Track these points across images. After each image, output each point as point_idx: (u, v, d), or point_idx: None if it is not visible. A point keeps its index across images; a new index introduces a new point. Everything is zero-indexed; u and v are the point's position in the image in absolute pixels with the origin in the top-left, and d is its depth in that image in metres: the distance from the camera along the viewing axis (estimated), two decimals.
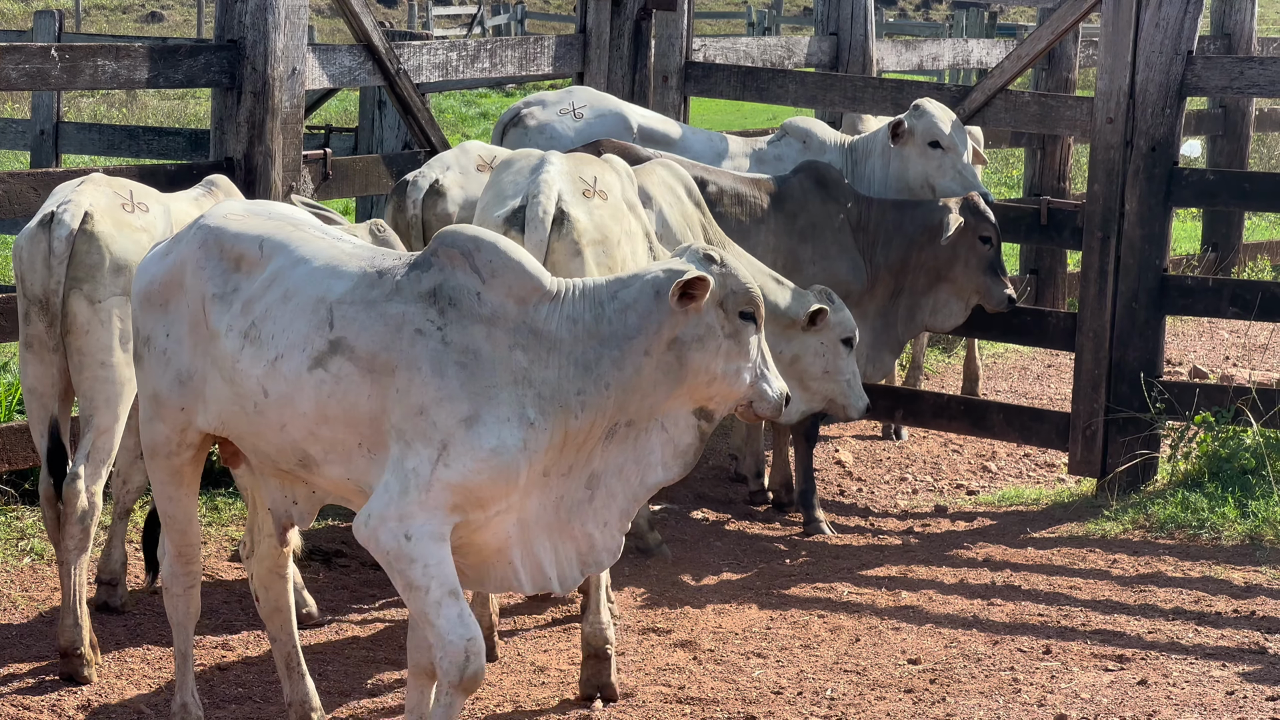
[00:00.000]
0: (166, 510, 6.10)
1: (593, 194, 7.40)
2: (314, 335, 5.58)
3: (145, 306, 5.94)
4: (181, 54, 8.94)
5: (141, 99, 25.78)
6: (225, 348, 5.72)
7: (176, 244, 5.94)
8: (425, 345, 5.50)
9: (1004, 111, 10.30)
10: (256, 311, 5.67)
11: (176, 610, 6.21)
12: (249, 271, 5.75)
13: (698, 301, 5.63)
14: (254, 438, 5.75)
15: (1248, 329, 13.78)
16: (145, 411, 6.00)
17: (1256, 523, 9.02)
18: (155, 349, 5.91)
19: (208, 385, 5.81)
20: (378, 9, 49.93)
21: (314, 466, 5.69)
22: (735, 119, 25.56)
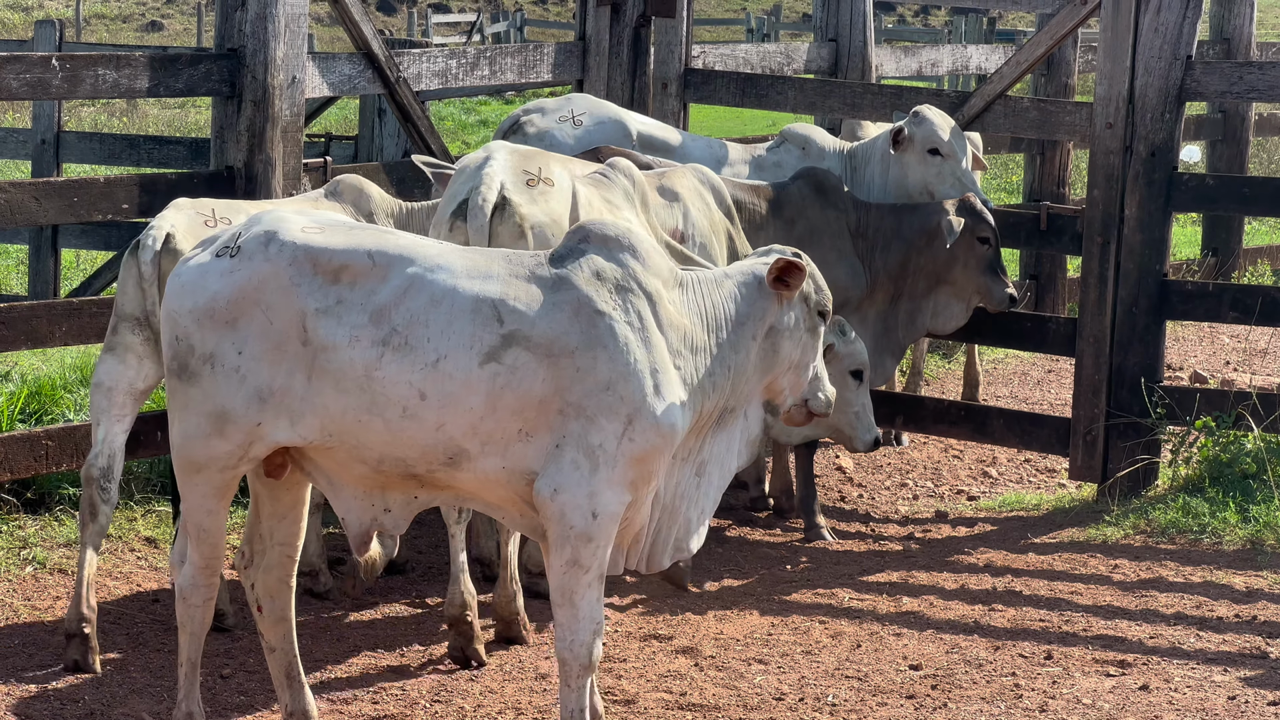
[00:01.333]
0: (203, 524, 6.03)
1: (536, 182, 7.77)
2: (482, 333, 5.79)
3: (205, 324, 5.84)
4: (182, 63, 8.94)
5: (142, 108, 25.81)
6: (350, 358, 5.77)
7: (244, 260, 5.86)
8: (606, 324, 5.85)
9: (1003, 117, 10.31)
10: (397, 319, 5.77)
11: (193, 620, 6.15)
12: (355, 282, 5.82)
13: (791, 290, 6.15)
14: (384, 445, 5.81)
15: (1248, 334, 13.79)
16: (199, 429, 5.87)
17: (1258, 527, 9.02)
18: (223, 366, 5.82)
19: (303, 400, 5.81)
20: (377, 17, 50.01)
21: (465, 462, 5.84)
22: (735, 125, 25.59)
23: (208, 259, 5.92)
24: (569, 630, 5.95)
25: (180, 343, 5.87)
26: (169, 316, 5.92)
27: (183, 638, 6.19)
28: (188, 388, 5.88)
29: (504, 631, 7.72)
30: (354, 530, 6.05)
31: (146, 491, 9.00)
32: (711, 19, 47.55)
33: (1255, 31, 15.73)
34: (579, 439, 5.82)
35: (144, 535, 8.66)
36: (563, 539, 5.87)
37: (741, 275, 6.22)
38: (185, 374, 5.88)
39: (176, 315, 5.89)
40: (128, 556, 8.47)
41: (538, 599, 8.23)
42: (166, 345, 5.94)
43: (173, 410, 5.94)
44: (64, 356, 11.42)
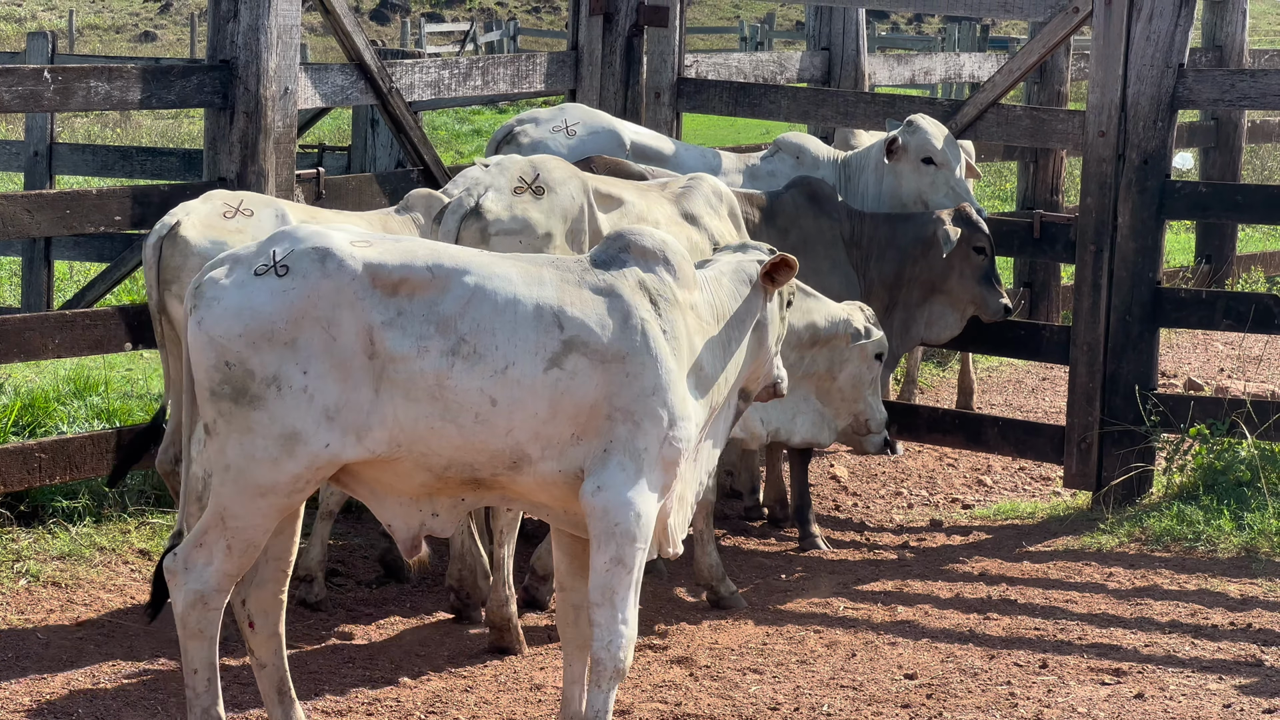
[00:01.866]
0: (254, 541, 5.96)
1: (525, 190, 7.94)
2: (545, 339, 5.94)
3: (263, 346, 5.77)
4: (174, 74, 8.94)
5: (135, 119, 25.82)
6: (421, 368, 5.83)
7: (298, 277, 5.80)
8: (653, 332, 6.07)
9: (996, 125, 10.31)
10: (463, 328, 5.87)
11: (213, 624, 6.03)
12: (413, 294, 5.87)
13: (778, 285, 6.47)
14: (454, 451, 5.90)
15: (1242, 341, 13.78)
16: (267, 452, 5.81)
17: (1252, 535, 9.02)
18: (290, 388, 5.77)
19: (369, 414, 5.82)
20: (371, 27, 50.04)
21: (526, 466, 5.98)
22: (729, 134, 25.58)
23: (246, 278, 5.83)
24: (608, 631, 6.06)
25: (234, 367, 5.77)
26: (212, 342, 5.79)
27: (196, 644, 6.05)
28: (249, 411, 5.79)
29: (497, 640, 7.72)
30: (403, 536, 6.11)
31: (140, 504, 8.99)
32: (705, 27, 47.59)
33: (1247, 39, 15.73)
34: (626, 443, 6.02)
35: (138, 548, 8.65)
36: (608, 538, 6.02)
37: (735, 273, 6.46)
38: (245, 398, 5.78)
39: (224, 340, 5.77)
40: (121, 569, 8.46)
41: (533, 609, 8.24)
42: (209, 369, 5.80)
43: (225, 434, 5.82)
44: (57, 369, 11.41)
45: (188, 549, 6.02)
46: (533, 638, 7.89)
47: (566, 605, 6.44)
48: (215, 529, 5.96)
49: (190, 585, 6.01)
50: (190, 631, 6.04)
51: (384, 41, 45.71)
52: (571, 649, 6.46)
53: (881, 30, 47.53)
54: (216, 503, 5.94)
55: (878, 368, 8.90)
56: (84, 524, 8.73)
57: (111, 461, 8.74)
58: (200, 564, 6.00)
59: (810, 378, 8.81)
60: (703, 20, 51.31)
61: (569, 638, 6.46)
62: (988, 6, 10.58)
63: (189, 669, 6.09)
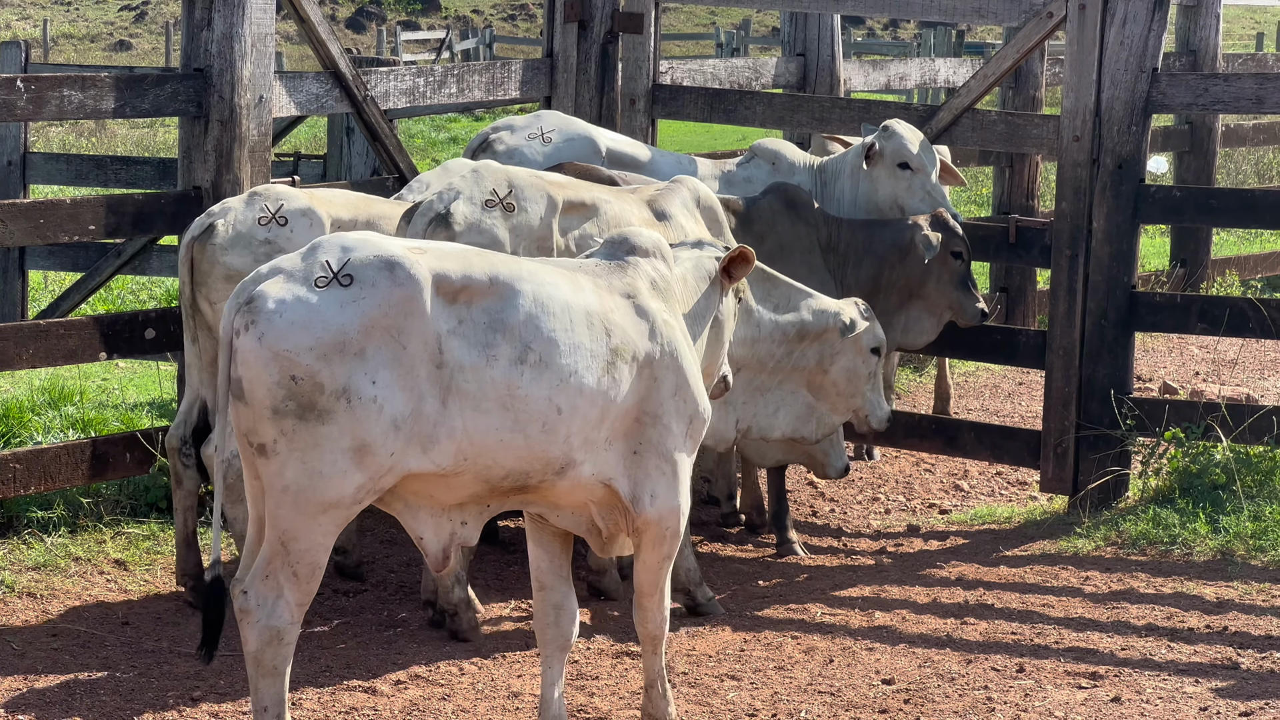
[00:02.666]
0: (318, 562, 5.86)
1: (497, 204, 7.94)
2: (597, 346, 6.05)
3: (334, 358, 5.68)
4: (148, 83, 8.92)
5: (110, 127, 25.77)
6: (491, 377, 5.86)
7: (366, 288, 5.73)
8: (671, 333, 6.27)
9: (971, 130, 10.32)
10: (528, 337, 5.92)
11: (286, 660, 5.90)
12: (472, 302, 5.88)
13: (735, 280, 6.66)
14: (516, 461, 5.95)
15: (1217, 344, 13.83)
16: (336, 466, 5.72)
17: (1228, 538, 9.04)
18: (360, 399, 5.69)
19: (436, 425, 5.80)
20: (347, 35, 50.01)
21: (570, 471, 6.09)
22: (705, 140, 25.63)
23: (307, 290, 5.72)
24: (659, 612, 6.51)
25: (301, 382, 5.66)
26: (277, 357, 5.66)
27: (269, 681, 5.89)
28: (318, 426, 5.68)
29: (451, 626, 7.88)
30: (434, 549, 6.08)
31: (116, 514, 8.97)
32: (681, 34, 47.60)
33: (1221, 43, 15.77)
34: (657, 444, 6.23)
35: (113, 558, 8.63)
36: (660, 539, 6.35)
37: (695, 269, 6.61)
38: (313, 413, 5.67)
39: (292, 354, 5.65)
40: (97, 579, 8.44)
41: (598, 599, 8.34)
42: (271, 386, 5.66)
43: (286, 453, 5.70)
44: (32, 379, 11.40)
45: (255, 584, 5.86)
46: (509, 644, 7.89)
47: (547, 605, 6.46)
48: (278, 557, 5.83)
49: (264, 622, 5.85)
50: (265, 669, 5.88)
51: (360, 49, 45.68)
52: (551, 649, 6.48)
53: (857, 36, 47.58)
54: (276, 528, 5.80)
55: (874, 361, 8.75)
56: (59, 534, 8.71)
57: (87, 471, 8.72)
58: (271, 598, 5.86)
59: (800, 371, 8.69)
60: (678, 27, 51.35)
61: (549, 638, 6.47)
62: (962, 12, 10.60)
63: (258, 707, 5.93)
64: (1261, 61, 17.48)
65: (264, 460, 5.74)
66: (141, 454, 8.96)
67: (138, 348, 9.03)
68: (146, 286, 15.37)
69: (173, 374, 10.52)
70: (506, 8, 57.69)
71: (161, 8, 53.51)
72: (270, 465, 5.74)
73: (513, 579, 8.82)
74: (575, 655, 7.69)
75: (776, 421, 8.79)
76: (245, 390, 5.71)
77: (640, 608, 6.53)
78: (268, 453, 5.72)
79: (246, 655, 5.89)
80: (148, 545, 8.80)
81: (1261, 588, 8.56)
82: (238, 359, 5.71)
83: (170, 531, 8.92)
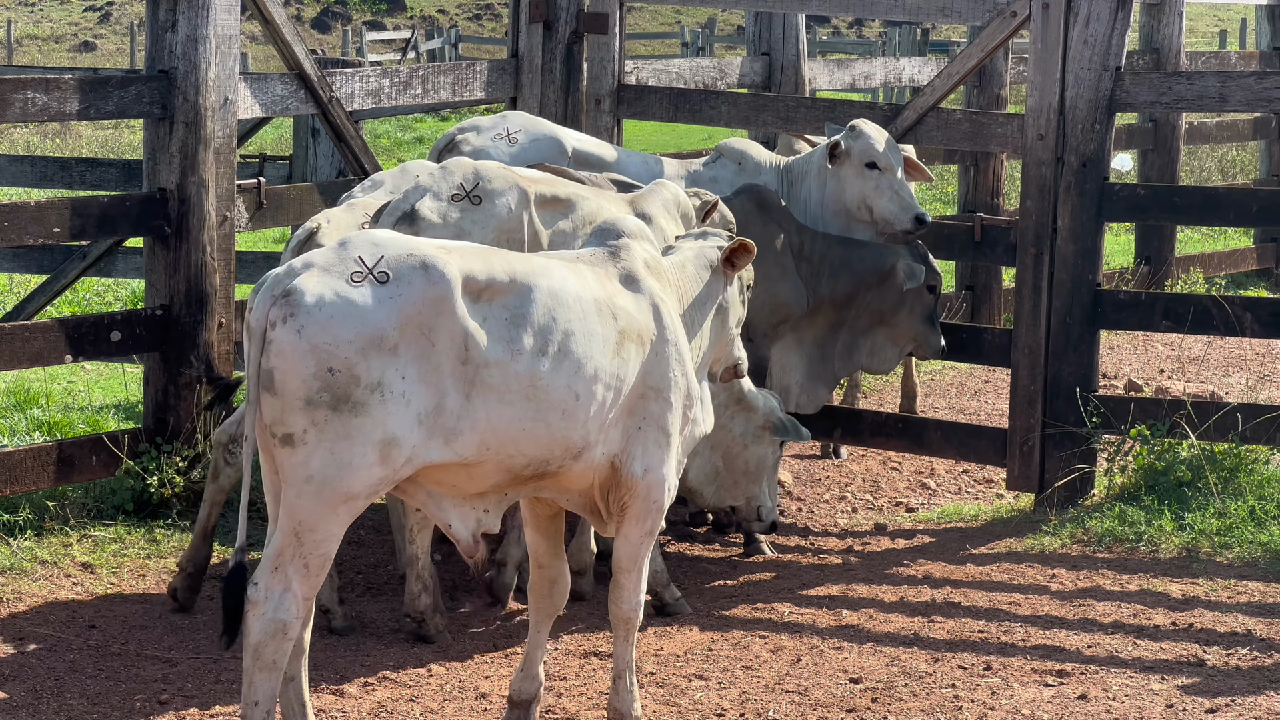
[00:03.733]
0: (330, 556, 5.95)
1: (463, 197, 7.95)
2: (608, 332, 6.25)
3: (371, 352, 5.80)
4: (112, 85, 8.90)
5: (75, 129, 25.70)
6: (516, 370, 6.04)
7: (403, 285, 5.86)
8: (666, 312, 6.48)
9: (936, 129, 10.35)
10: (548, 328, 6.11)
11: (286, 654, 5.94)
12: (493, 299, 6.05)
13: (738, 269, 6.84)
14: (538, 449, 6.14)
15: (1182, 341, 13.88)
16: (364, 458, 5.83)
17: (1193, 535, 9.08)
18: (390, 393, 5.82)
19: (459, 418, 5.95)
20: (312, 35, 49.93)
21: (584, 453, 6.28)
22: (671, 140, 25.64)
23: (344, 285, 5.84)
24: (634, 593, 6.63)
25: (338, 374, 5.77)
26: (315, 349, 5.76)
27: (265, 676, 5.90)
28: (350, 419, 5.80)
29: (416, 630, 7.87)
30: (464, 536, 6.24)
31: (82, 517, 8.94)
32: (646, 33, 47.62)
33: (1184, 41, 15.84)
34: (657, 420, 6.44)
35: (80, 561, 8.61)
36: (645, 513, 6.49)
37: (697, 258, 6.80)
38: (346, 405, 5.78)
39: (332, 346, 5.76)
40: (63, 582, 8.41)
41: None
42: (307, 378, 5.76)
43: (315, 444, 5.79)
44: None
45: (265, 575, 5.91)
46: (477, 645, 7.89)
47: (544, 580, 6.75)
48: (290, 548, 5.90)
49: (272, 615, 5.89)
50: (264, 663, 5.90)
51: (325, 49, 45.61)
52: (541, 617, 6.78)
53: (823, 34, 47.65)
54: (291, 519, 5.87)
55: (778, 456, 8.91)
56: (25, 537, 8.69)
57: (53, 474, 8.70)
58: (279, 591, 5.90)
59: (725, 433, 8.74)
60: (644, 26, 51.36)
61: (541, 607, 6.77)
62: (926, 11, 10.62)
63: (248, 701, 5.94)
64: (1225, 60, 17.56)
65: (289, 450, 5.83)
66: (108, 456, 8.94)
67: (103, 350, 9.01)
68: (112, 289, 15.33)
69: (138, 376, 10.48)
70: (472, 7, 57.64)
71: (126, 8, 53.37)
72: (296, 455, 5.83)
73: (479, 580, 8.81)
74: (544, 656, 7.68)
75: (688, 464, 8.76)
76: (277, 381, 5.81)
77: (617, 585, 6.63)
78: (295, 442, 5.82)
79: (246, 647, 5.92)
80: (114, 548, 8.78)
81: (1227, 584, 8.60)
82: (272, 350, 5.81)
83: (137, 534, 8.90)
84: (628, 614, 6.65)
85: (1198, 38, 45.70)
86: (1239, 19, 41.72)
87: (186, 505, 9.13)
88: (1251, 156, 21.81)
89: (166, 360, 9.18)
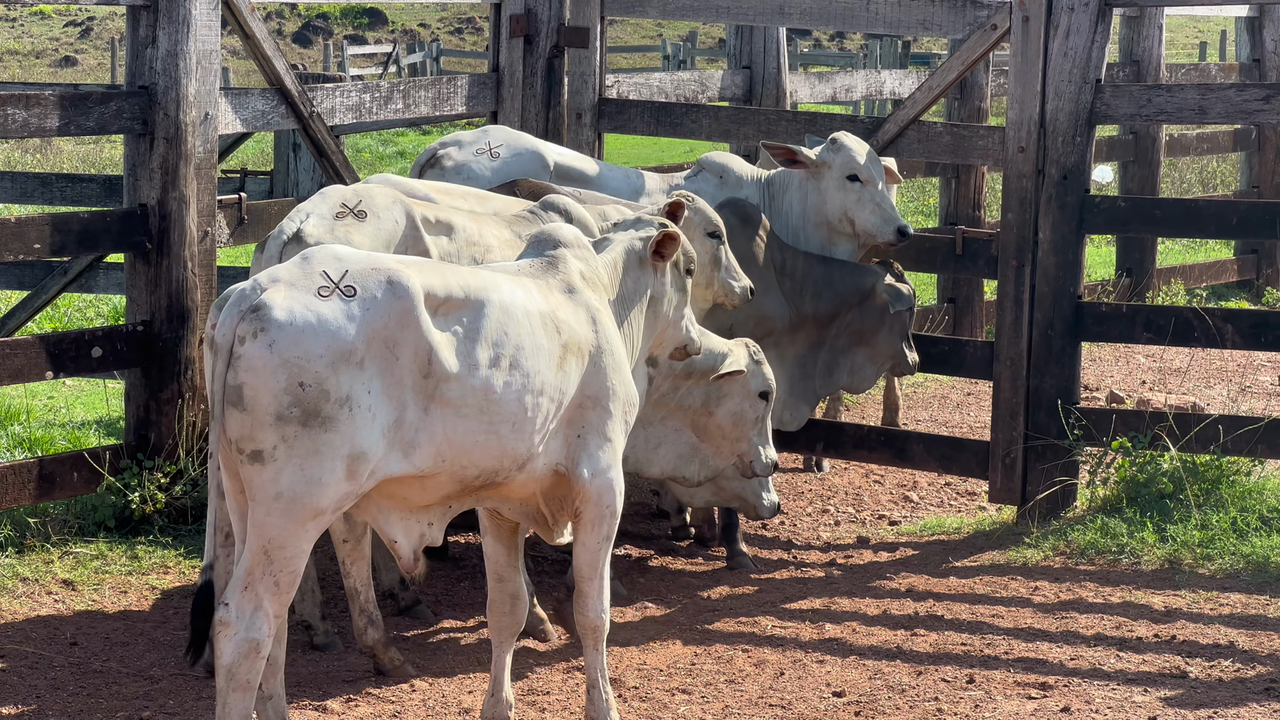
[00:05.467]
0: (299, 573, 5.94)
1: (347, 214, 7.74)
2: (552, 345, 6.32)
3: (340, 367, 5.81)
4: (93, 101, 8.90)
5: (56, 144, 25.68)
6: (473, 384, 6.10)
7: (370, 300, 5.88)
8: (603, 321, 6.55)
9: (917, 142, 10.36)
10: (500, 342, 6.18)
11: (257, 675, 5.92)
12: (450, 314, 6.10)
13: (666, 260, 6.90)
14: (489, 460, 6.19)
15: (1163, 352, 13.90)
16: (333, 473, 5.83)
17: (1175, 547, 9.08)
18: (358, 408, 5.84)
19: (418, 430, 6.00)
20: (293, 50, 49.90)
21: (529, 464, 6.35)
22: (653, 153, 25.65)
23: (312, 299, 5.85)
24: (598, 600, 6.65)
25: (309, 388, 5.78)
26: (286, 364, 5.77)
27: (239, 696, 5.90)
28: (319, 434, 5.80)
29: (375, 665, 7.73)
30: (406, 550, 6.27)
31: (63, 533, 8.93)
32: (628, 46, 47.63)
33: (1164, 53, 15.88)
34: (597, 427, 6.50)
35: (61, 578, 8.59)
36: (599, 519, 6.55)
37: (625, 253, 6.87)
38: (316, 420, 5.80)
39: (302, 361, 5.77)
40: (45, 600, 8.39)
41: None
42: (278, 393, 5.76)
43: (284, 460, 5.79)
44: None
45: (235, 595, 5.89)
46: (460, 660, 7.88)
47: (504, 595, 6.77)
48: (260, 566, 5.89)
49: (245, 634, 5.88)
50: (238, 683, 5.90)
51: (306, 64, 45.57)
52: (504, 636, 6.79)
53: (804, 46, 47.72)
54: (261, 536, 5.86)
55: (762, 406, 8.69)
56: (6, 555, 8.67)
57: (34, 491, 8.68)
58: (250, 610, 5.90)
59: (685, 410, 8.65)
60: (625, 39, 51.37)
61: (503, 625, 6.78)
62: (907, 24, 10.63)
63: None
64: (1204, 72, 17.60)
65: (258, 467, 5.82)
66: (89, 473, 8.92)
67: (84, 366, 9.00)
68: (93, 304, 15.31)
69: (119, 392, 10.47)
70: (453, 21, 57.64)
71: (107, 24, 53.29)
72: (265, 472, 5.82)
73: (463, 594, 8.80)
74: (525, 672, 7.68)
75: (655, 458, 8.73)
76: (246, 397, 5.79)
77: (580, 594, 6.66)
78: (264, 459, 5.80)
79: (219, 669, 5.91)
80: (96, 565, 8.76)
81: (1209, 596, 8.61)
82: (240, 365, 5.80)
83: (119, 551, 8.89)
84: (593, 622, 6.66)
85: (1178, 49, 45.80)
86: (1219, 31, 41.82)
87: (168, 522, 9.12)
88: (1232, 168, 21.87)
89: (148, 376, 9.17)
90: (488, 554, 6.79)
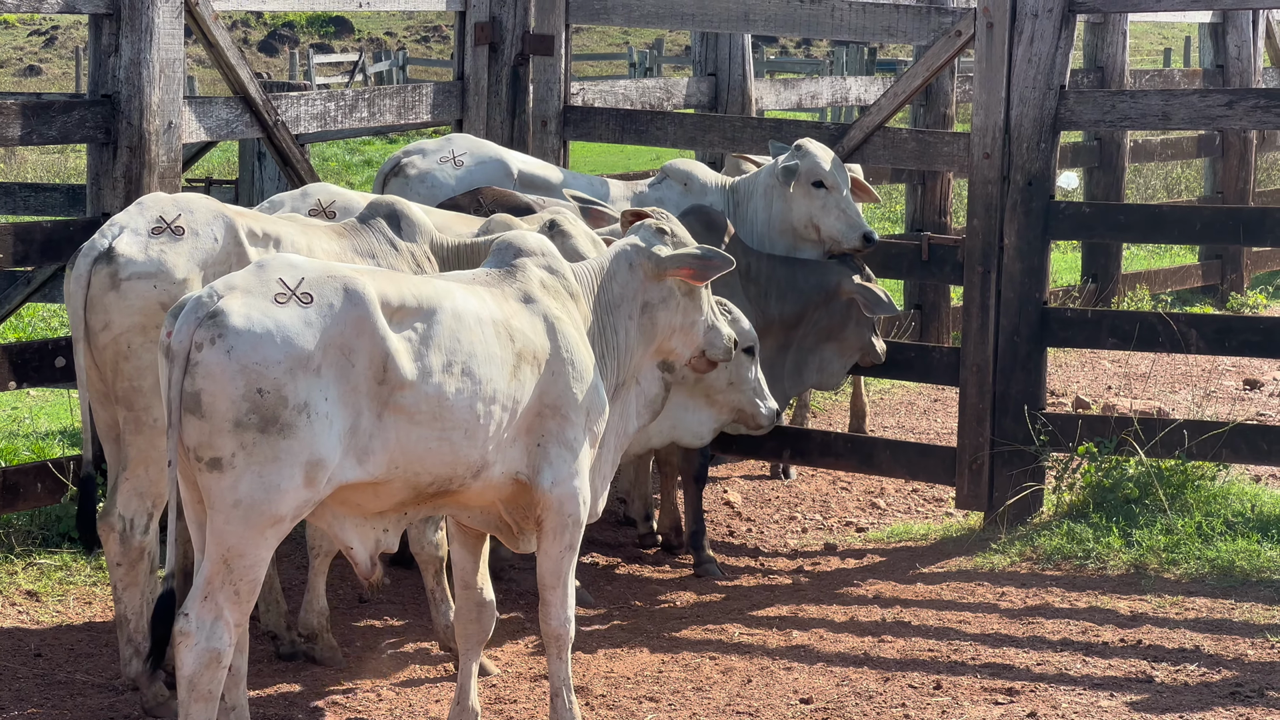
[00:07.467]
0: (259, 579, 5.93)
1: (165, 229, 7.28)
2: (505, 353, 6.30)
3: (298, 373, 5.81)
4: (55, 110, 8.85)
5: (20, 154, 25.57)
6: (426, 391, 6.08)
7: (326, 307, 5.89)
8: (564, 329, 6.51)
9: (882, 148, 10.37)
10: (451, 351, 6.15)
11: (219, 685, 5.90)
12: (404, 321, 6.09)
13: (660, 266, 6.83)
14: (441, 467, 6.17)
15: (1129, 358, 13.93)
16: (291, 480, 5.82)
17: (1141, 551, 9.10)
18: (315, 415, 5.83)
19: (371, 437, 6.00)
20: (259, 59, 49.78)
21: (484, 472, 6.32)
22: (619, 160, 25.65)
23: (269, 306, 5.84)
24: (562, 608, 6.63)
25: (267, 395, 5.77)
26: (245, 370, 5.75)
27: (202, 706, 5.86)
28: (278, 440, 5.79)
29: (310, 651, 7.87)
30: (363, 557, 6.27)
31: (27, 544, 8.88)
32: (594, 54, 47.63)
33: (1128, 59, 15.93)
34: (557, 436, 6.47)
35: (25, 589, 8.55)
36: (561, 527, 6.54)
37: (615, 260, 6.89)
38: (274, 426, 5.78)
39: (261, 367, 5.76)
40: (9, 611, 8.35)
41: None
42: (235, 400, 5.75)
43: (242, 467, 5.77)
44: None
45: (195, 605, 5.87)
46: (427, 670, 7.85)
47: (470, 603, 6.80)
48: (219, 575, 5.87)
49: (205, 644, 5.86)
50: (200, 694, 5.87)
51: (272, 72, 45.50)
52: (471, 644, 6.82)
53: (770, 54, 47.71)
54: (220, 545, 5.84)
55: (746, 360, 8.87)
56: None
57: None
58: (210, 619, 5.88)
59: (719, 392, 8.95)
60: (591, 47, 51.36)
61: (469, 633, 6.81)
62: (872, 31, 10.64)
63: None
64: (1168, 78, 17.66)
65: (216, 475, 5.80)
66: (53, 484, 8.87)
67: (48, 376, 8.94)
68: (57, 314, 15.25)
69: None
70: (419, 30, 57.57)
71: (71, 32, 53.12)
72: (224, 480, 5.80)
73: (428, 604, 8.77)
74: (493, 680, 7.67)
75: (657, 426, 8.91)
76: (204, 403, 5.78)
77: (544, 603, 6.65)
78: (223, 466, 5.79)
79: (180, 679, 5.88)
80: (60, 576, 8.72)
81: (1175, 600, 8.63)
82: (198, 372, 5.78)
83: (83, 562, 8.84)
84: (557, 630, 6.66)
85: (1142, 56, 45.93)
86: (1183, 37, 41.95)
87: None
88: (1196, 174, 21.95)
89: None
90: (455, 561, 6.81)
